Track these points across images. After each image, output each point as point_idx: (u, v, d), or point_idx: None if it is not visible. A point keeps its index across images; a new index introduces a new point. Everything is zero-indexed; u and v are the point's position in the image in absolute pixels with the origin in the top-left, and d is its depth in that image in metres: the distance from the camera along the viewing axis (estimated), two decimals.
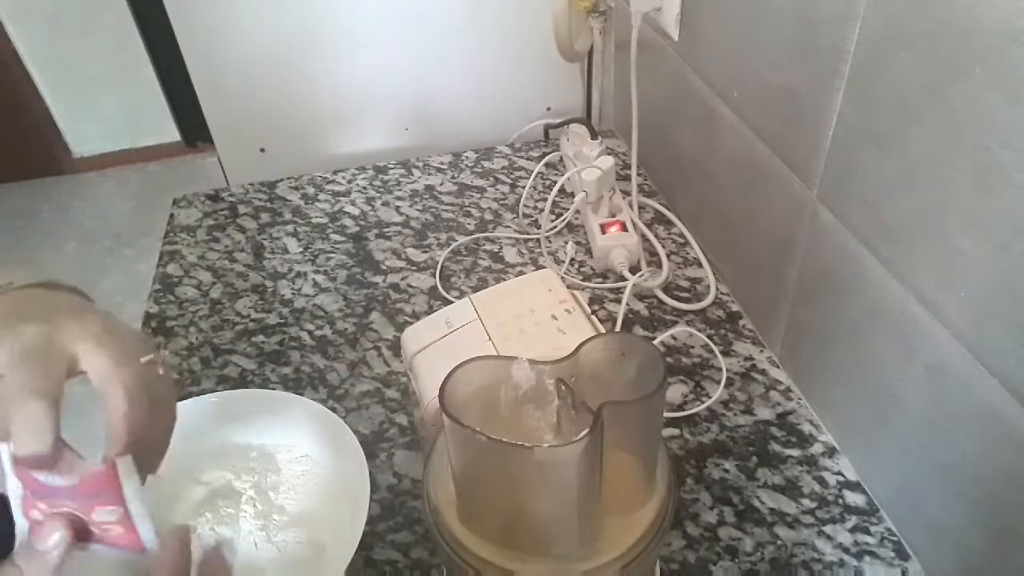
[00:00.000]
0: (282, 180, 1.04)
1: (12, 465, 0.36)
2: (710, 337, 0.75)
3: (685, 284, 0.82)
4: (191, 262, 0.91)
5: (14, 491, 0.37)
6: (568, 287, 0.59)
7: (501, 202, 0.97)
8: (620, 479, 0.42)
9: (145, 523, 0.37)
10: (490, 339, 0.55)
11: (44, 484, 0.36)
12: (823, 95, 0.56)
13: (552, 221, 0.89)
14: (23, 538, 0.37)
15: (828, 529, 0.58)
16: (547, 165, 1.01)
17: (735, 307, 0.79)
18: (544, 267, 0.84)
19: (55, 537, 0.35)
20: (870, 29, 0.50)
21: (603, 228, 0.83)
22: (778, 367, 0.72)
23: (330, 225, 0.95)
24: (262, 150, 1.08)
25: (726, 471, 0.63)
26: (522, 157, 1.06)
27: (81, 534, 0.36)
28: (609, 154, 0.90)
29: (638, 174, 0.93)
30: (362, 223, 0.95)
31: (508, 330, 0.56)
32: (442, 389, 0.40)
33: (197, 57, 0.99)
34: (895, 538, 0.57)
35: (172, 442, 0.42)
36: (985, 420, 0.45)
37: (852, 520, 0.59)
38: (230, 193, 1.03)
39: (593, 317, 0.57)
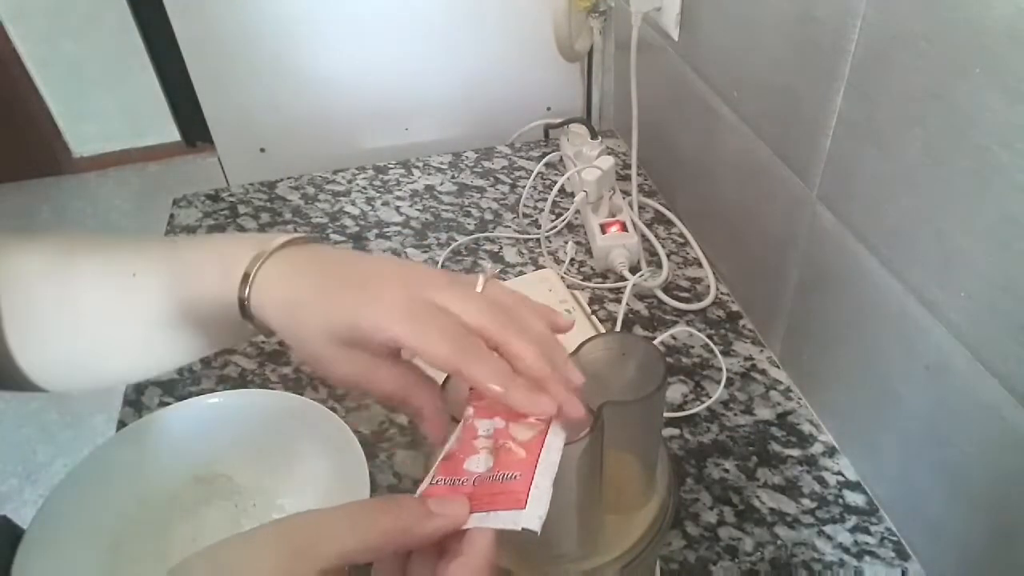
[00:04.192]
0: (282, 180, 1.04)
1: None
2: (710, 337, 0.75)
3: (685, 284, 0.82)
4: None
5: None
6: (568, 287, 0.59)
7: (501, 202, 0.97)
8: (620, 479, 0.42)
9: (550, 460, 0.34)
10: None
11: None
12: (823, 95, 0.56)
13: (552, 221, 0.89)
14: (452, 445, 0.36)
15: (828, 529, 0.58)
16: (547, 165, 1.01)
17: (735, 307, 0.79)
18: (544, 267, 0.83)
19: (455, 508, 0.32)
20: (870, 29, 0.50)
21: (603, 228, 0.83)
22: (778, 367, 0.72)
23: (330, 225, 0.95)
24: (262, 150, 1.08)
25: (726, 471, 0.63)
26: (522, 157, 1.06)
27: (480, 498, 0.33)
28: (609, 154, 0.90)
29: (638, 174, 0.93)
30: (362, 223, 0.95)
31: None
32: (442, 389, 0.40)
33: (197, 57, 0.99)
34: (895, 538, 0.57)
35: (172, 443, 0.41)
36: (985, 420, 0.45)
37: (852, 520, 0.59)
38: (230, 193, 1.03)
39: (593, 317, 0.57)
